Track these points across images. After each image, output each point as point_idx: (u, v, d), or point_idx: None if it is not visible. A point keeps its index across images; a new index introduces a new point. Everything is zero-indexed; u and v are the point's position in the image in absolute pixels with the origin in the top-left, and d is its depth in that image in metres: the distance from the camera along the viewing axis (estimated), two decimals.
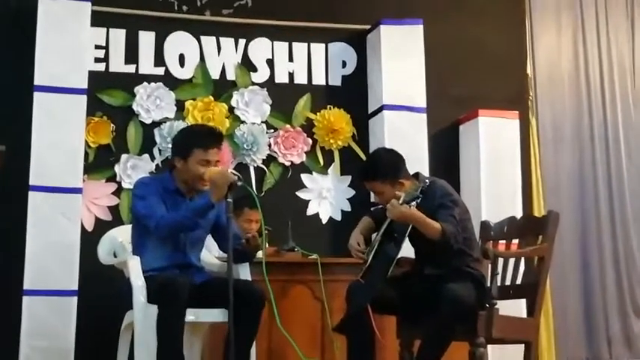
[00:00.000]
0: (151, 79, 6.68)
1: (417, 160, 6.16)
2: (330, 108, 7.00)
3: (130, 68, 6.68)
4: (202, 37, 6.85)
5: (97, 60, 6.55)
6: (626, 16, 7.96)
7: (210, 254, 5.25)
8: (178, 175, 4.82)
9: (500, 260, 4.87)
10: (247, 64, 6.92)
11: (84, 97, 6.20)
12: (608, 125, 7.73)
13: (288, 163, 6.87)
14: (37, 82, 6.08)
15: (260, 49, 6.97)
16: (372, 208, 5.38)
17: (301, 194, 6.88)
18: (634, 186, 7.68)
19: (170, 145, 5.25)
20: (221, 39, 6.89)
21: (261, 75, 6.94)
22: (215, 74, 6.84)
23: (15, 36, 6.21)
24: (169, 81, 6.72)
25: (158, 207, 4.73)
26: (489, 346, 4.71)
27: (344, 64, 7.13)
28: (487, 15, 7.47)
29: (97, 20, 6.41)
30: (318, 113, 6.98)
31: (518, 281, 4.97)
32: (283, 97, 6.95)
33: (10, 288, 5.72)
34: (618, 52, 7.87)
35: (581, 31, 7.83)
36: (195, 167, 4.70)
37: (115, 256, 5.21)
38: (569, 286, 7.39)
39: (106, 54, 6.62)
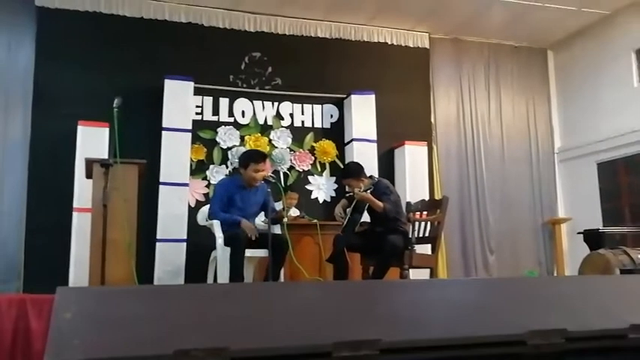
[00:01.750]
0: (226, 124, 6.68)
1: (371, 168, 6.17)
2: (324, 140, 7.00)
3: (215, 118, 6.67)
4: (254, 101, 6.85)
5: (197, 113, 6.55)
6: (485, 89, 7.95)
7: (259, 219, 5.25)
8: (242, 177, 4.85)
9: (417, 223, 4.89)
10: (279, 116, 6.92)
11: (189, 134, 6.21)
12: (475, 149, 7.73)
13: (301, 170, 6.87)
14: (164, 125, 6.10)
15: (286, 107, 6.97)
16: (346, 194, 5.39)
17: (308, 187, 6.87)
18: (489, 182, 7.67)
19: (237, 160, 5.27)
20: (264, 102, 6.89)
21: (286, 122, 6.94)
22: (261, 121, 6.84)
23: (151, 99, 6.18)
24: (236, 125, 6.72)
25: (219, 204, 4.79)
26: (411, 270, 4.69)
27: (331, 116, 7.11)
28: (409, 89, 7.45)
29: (197, 91, 6.42)
30: (317, 143, 6.98)
31: (427, 234, 4.98)
32: (298, 134, 6.95)
33: (149, 237, 5.71)
34: (480, 110, 7.87)
35: (460, 98, 7.83)
36: (251, 173, 4.75)
37: (206, 220, 5.21)
38: (454, 237, 7.40)
39: (202, 110, 6.62)
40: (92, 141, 5.59)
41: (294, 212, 6.11)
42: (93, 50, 6.31)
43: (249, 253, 4.61)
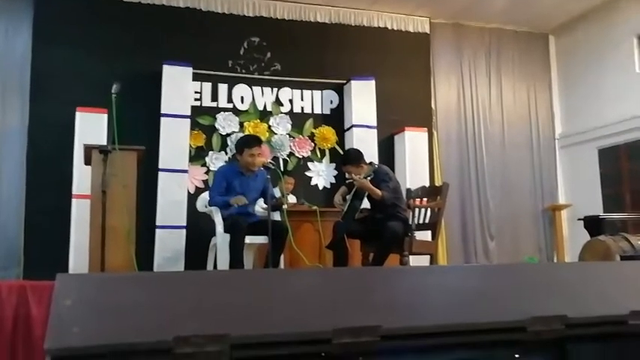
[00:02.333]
0: (225, 110, 6.66)
1: (371, 155, 6.15)
2: (323, 126, 6.98)
3: (214, 104, 6.66)
4: (253, 87, 6.83)
5: (195, 99, 6.53)
6: (485, 75, 7.94)
7: (259, 206, 5.23)
8: (240, 163, 4.83)
9: (417, 209, 4.88)
10: (278, 102, 6.90)
11: (188, 120, 6.21)
12: (476, 135, 7.73)
13: (300, 156, 6.87)
14: (162, 111, 6.08)
15: (285, 93, 6.94)
16: (346, 181, 5.37)
17: (308, 173, 6.87)
18: (489, 168, 7.68)
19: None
20: (264, 88, 6.87)
21: (286, 108, 6.92)
22: (260, 107, 6.82)
23: (150, 85, 6.15)
24: (235, 111, 6.71)
25: (217, 190, 4.79)
26: (411, 257, 4.69)
27: (331, 102, 7.10)
28: (410, 74, 7.43)
29: (195, 77, 6.40)
30: (317, 129, 6.97)
31: (427, 220, 4.97)
32: (298, 120, 6.93)
33: (149, 224, 5.72)
34: (481, 95, 7.86)
35: (461, 83, 7.82)
36: (247, 158, 4.74)
37: (206, 207, 5.20)
38: (454, 223, 7.42)
39: (200, 96, 6.60)
40: (91, 127, 5.57)
41: (290, 198, 6.11)
42: (91, 36, 6.28)
43: (248, 239, 4.61)
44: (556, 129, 8.18)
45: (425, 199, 5.20)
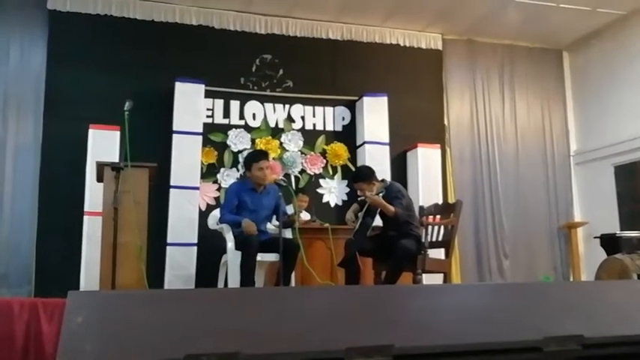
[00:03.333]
0: (237, 127, 6.69)
1: (383, 171, 6.12)
2: (335, 143, 6.99)
3: (225, 121, 6.69)
4: (265, 104, 6.86)
5: (207, 116, 6.56)
6: (499, 91, 7.91)
7: (271, 223, 5.23)
8: (251, 179, 4.84)
9: (430, 227, 4.86)
10: (290, 119, 6.92)
11: (200, 137, 6.24)
12: (489, 152, 7.67)
13: (312, 173, 6.87)
14: (175, 128, 6.12)
15: (297, 110, 6.97)
16: (358, 198, 5.36)
17: (319, 190, 6.87)
18: (503, 186, 7.61)
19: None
20: (275, 105, 6.90)
21: (298, 125, 6.94)
22: (272, 124, 6.84)
23: (162, 102, 6.21)
24: (247, 128, 6.74)
25: (228, 207, 4.80)
26: (424, 275, 4.66)
27: (343, 119, 7.10)
28: (422, 91, 7.43)
29: (208, 94, 6.44)
30: (329, 146, 6.97)
31: (440, 238, 4.94)
32: (310, 137, 6.94)
33: (160, 241, 5.73)
34: (495, 112, 7.82)
35: (474, 100, 7.79)
36: (256, 173, 4.75)
37: (217, 224, 5.21)
38: (468, 241, 7.34)
39: (212, 113, 6.64)
40: (103, 144, 5.62)
41: (304, 215, 6.10)
42: (104, 53, 6.35)
43: (259, 257, 4.61)
44: (571, 146, 8.12)
45: (438, 217, 5.16)
